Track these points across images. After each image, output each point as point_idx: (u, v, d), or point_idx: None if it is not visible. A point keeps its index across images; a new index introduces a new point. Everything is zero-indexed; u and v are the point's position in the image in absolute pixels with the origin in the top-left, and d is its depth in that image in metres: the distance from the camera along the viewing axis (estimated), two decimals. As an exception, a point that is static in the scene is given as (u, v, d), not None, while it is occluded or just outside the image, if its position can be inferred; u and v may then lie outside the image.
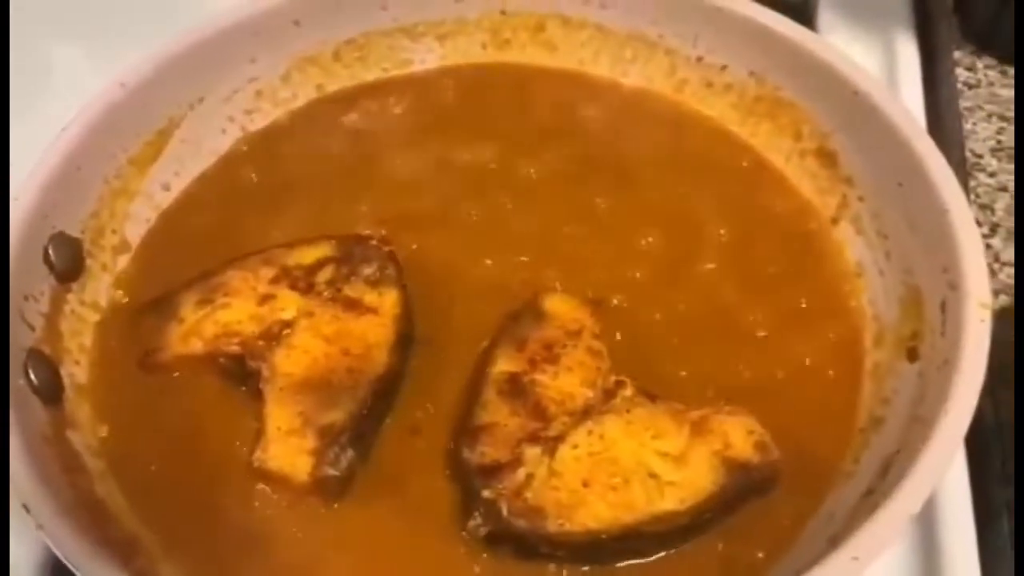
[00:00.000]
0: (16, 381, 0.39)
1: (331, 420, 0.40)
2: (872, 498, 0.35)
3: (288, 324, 0.43)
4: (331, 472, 0.39)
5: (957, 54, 0.59)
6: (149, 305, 0.45)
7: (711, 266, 0.47)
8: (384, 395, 0.42)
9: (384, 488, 0.40)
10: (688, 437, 0.38)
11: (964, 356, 0.36)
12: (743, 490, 0.38)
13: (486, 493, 0.38)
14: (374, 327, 0.43)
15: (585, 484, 0.37)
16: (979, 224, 0.52)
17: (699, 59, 0.52)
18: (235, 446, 0.41)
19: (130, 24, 0.63)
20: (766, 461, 0.38)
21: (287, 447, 0.40)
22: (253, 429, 0.41)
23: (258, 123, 0.53)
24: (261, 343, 0.43)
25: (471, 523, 0.38)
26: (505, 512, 0.37)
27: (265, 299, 0.44)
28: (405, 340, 0.43)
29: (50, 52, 0.64)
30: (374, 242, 0.46)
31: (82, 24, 0.65)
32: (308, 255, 0.45)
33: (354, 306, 0.44)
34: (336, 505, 0.40)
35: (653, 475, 0.37)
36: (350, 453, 0.40)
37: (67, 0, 0.66)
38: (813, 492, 0.39)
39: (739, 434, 0.38)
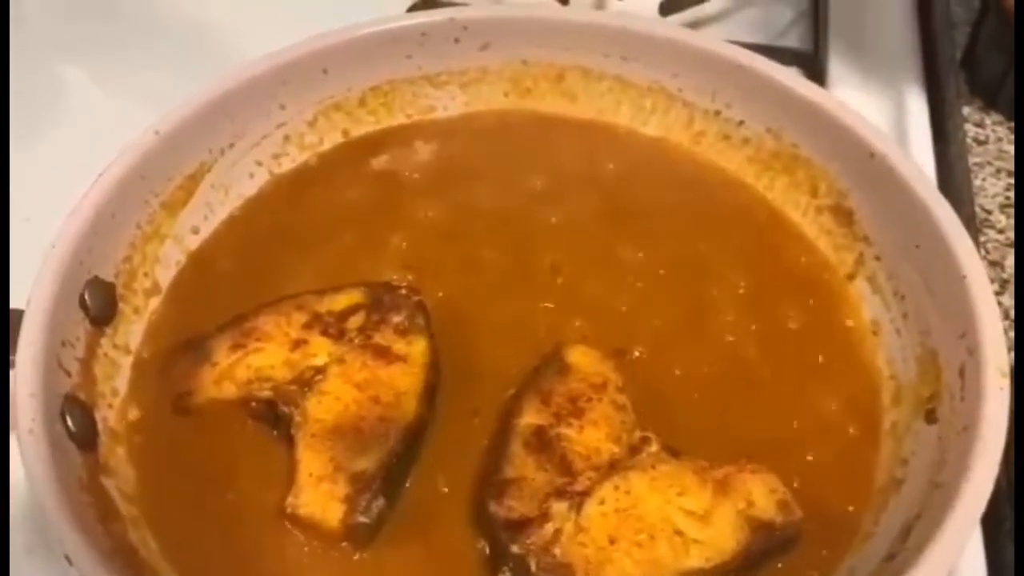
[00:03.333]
0: (53, 427, 0.40)
1: (362, 467, 0.41)
2: (893, 564, 0.36)
3: (320, 370, 0.44)
4: (362, 519, 0.40)
5: (966, 110, 0.61)
6: (181, 348, 0.46)
7: (730, 319, 0.48)
8: (413, 443, 0.43)
9: (410, 536, 0.41)
10: (712, 495, 0.39)
11: (984, 424, 0.37)
12: (766, 549, 0.39)
13: (515, 548, 0.38)
14: (403, 375, 0.44)
15: (612, 541, 0.38)
16: (989, 281, 0.53)
17: (717, 113, 0.54)
18: (266, 491, 0.42)
19: (137, 48, 0.65)
20: (789, 520, 0.39)
21: (319, 493, 0.41)
22: (284, 474, 0.42)
23: (285, 167, 0.54)
24: (293, 388, 0.44)
25: None
26: (534, 568, 0.38)
27: (297, 345, 0.45)
28: (433, 388, 0.44)
29: (58, 76, 0.65)
30: (403, 291, 0.46)
31: (90, 48, 0.66)
32: (339, 302, 0.46)
33: (384, 354, 0.44)
34: (364, 553, 0.40)
35: (679, 532, 0.38)
36: (381, 501, 0.41)
37: (74, 24, 0.67)
38: (835, 550, 0.39)
39: (762, 493, 0.39)
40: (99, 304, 0.45)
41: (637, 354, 0.46)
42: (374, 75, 0.54)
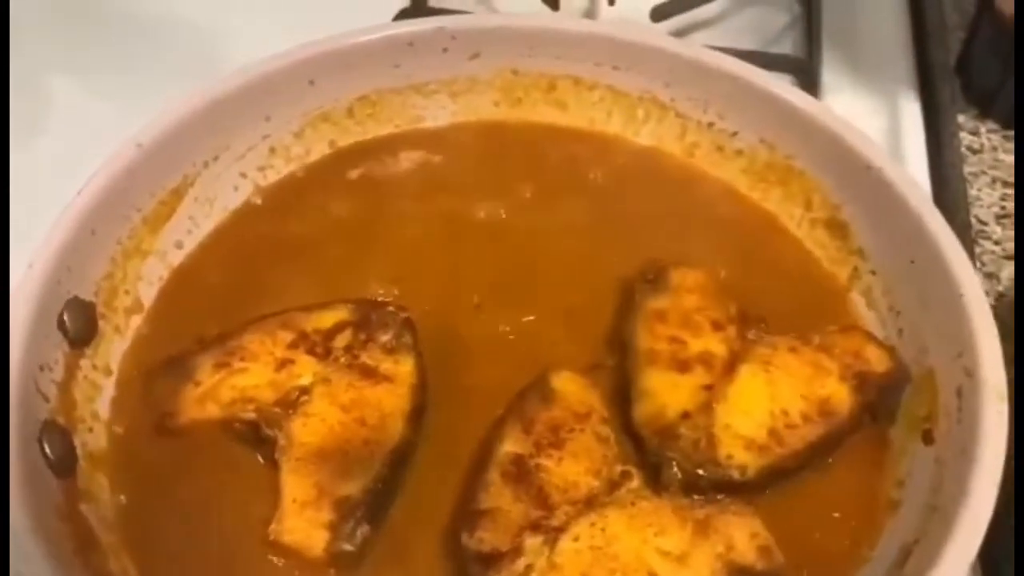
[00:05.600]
0: (29, 455, 0.39)
1: (347, 493, 0.40)
2: (892, 592, 0.35)
3: (305, 391, 0.43)
4: (347, 547, 0.39)
5: (960, 118, 0.60)
6: (164, 367, 0.45)
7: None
8: (399, 466, 0.42)
9: (390, 560, 0.40)
10: (691, 536, 0.37)
11: (982, 448, 0.36)
12: None
13: None
14: (390, 396, 0.43)
15: None
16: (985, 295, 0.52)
17: (710, 124, 0.53)
18: (250, 517, 0.41)
19: (124, 57, 0.64)
20: (770, 567, 0.37)
21: (302, 520, 0.40)
22: (268, 499, 0.41)
23: (271, 179, 0.53)
24: (277, 410, 0.43)
25: None
26: None
27: (283, 364, 0.44)
28: (421, 409, 0.43)
29: (45, 83, 0.63)
30: (391, 308, 0.45)
31: (77, 55, 0.64)
32: (326, 319, 0.45)
33: (371, 374, 0.44)
34: (344, 578, 0.40)
35: (653, 574, 0.37)
36: (365, 527, 0.40)
37: (66, 33, 0.66)
38: (831, 576, 0.39)
39: (743, 536, 0.38)
40: (78, 325, 0.44)
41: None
42: (361, 85, 0.54)
